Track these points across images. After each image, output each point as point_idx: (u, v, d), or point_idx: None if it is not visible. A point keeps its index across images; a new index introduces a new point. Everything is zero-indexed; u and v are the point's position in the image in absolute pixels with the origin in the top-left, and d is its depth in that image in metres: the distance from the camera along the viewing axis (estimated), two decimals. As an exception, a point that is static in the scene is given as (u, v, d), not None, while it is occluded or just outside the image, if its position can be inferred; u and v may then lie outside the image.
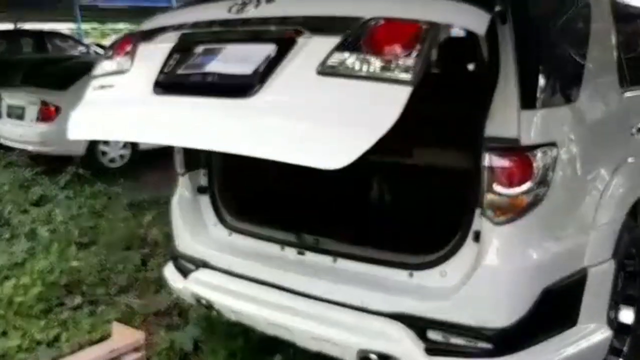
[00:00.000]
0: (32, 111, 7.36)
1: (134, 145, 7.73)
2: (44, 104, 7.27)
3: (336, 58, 1.85)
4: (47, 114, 7.25)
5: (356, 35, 1.86)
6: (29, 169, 6.87)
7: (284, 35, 2.06)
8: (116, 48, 2.58)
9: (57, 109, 7.25)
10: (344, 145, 1.71)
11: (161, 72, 2.29)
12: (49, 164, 7.17)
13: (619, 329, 2.60)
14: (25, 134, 7.42)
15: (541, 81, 2.19)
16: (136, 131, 2.32)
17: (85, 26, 15.05)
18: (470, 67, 4.24)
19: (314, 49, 1.93)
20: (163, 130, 2.18)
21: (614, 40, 2.76)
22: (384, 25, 1.86)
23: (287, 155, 1.81)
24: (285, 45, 2.01)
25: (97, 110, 2.45)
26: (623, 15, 2.97)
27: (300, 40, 1.99)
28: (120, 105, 2.37)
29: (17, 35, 12.80)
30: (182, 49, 2.32)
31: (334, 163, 1.68)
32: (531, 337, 2.15)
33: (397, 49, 1.76)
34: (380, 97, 1.74)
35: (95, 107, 2.46)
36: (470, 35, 2.14)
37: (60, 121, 7.24)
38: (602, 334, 2.35)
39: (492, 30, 2.13)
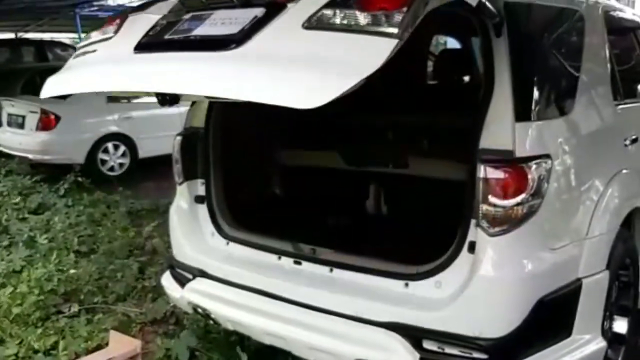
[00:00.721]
0: (32, 120, 7.40)
1: (133, 154, 7.77)
2: (44, 112, 7.31)
3: (324, 14, 1.85)
4: (47, 122, 7.29)
5: None
6: (29, 177, 6.89)
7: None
8: (105, 23, 2.57)
9: (57, 118, 7.29)
10: (320, 87, 1.68)
11: (145, 35, 2.26)
12: (49, 172, 7.20)
13: (614, 340, 2.62)
14: (25, 142, 7.46)
15: (536, 94, 2.23)
16: (112, 82, 2.27)
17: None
18: (466, 79, 4.29)
19: (302, 8, 1.92)
20: (140, 79, 2.16)
21: (607, 53, 2.80)
22: None
23: (262, 95, 1.78)
24: (275, 9, 2.00)
25: (75, 70, 2.43)
26: (616, 29, 3.01)
27: (291, 5, 1.98)
28: (99, 64, 2.35)
29: (18, 44, 12.83)
30: (170, 17, 2.30)
31: (308, 103, 1.64)
32: (526, 348, 2.16)
33: (387, 7, 1.75)
34: (364, 47, 1.73)
35: (73, 69, 2.45)
36: (467, 48, 2.17)
37: (60, 130, 7.29)
38: (596, 345, 2.36)
39: (487, 43, 2.17)
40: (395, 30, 1.70)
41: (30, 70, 9.91)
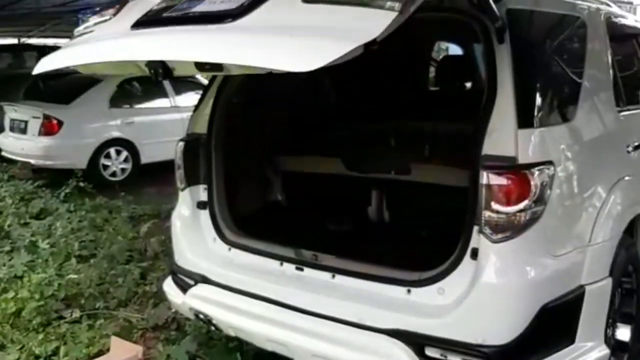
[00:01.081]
0: (34, 125, 7.42)
1: (135, 160, 7.77)
2: (47, 118, 7.32)
3: None
4: (49, 127, 7.30)
5: None
6: (31, 182, 6.90)
7: None
8: (104, 8, 2.60)
9: (60, 123, 7.30)
10: (317, 51, 1.68)
11: (144, 15, 2.28)
12: (51, 177, 7.21)
13: (616, 347, 2.61)
14: (28, 147, 7.47)
15: (538, 100, 2.23)
16: (106, 53, 2.26)
17: (88, 41, 15.15)
18: (468, 85, 4.29)
19: None
20: (133, 50, 2.16)
21: (609, 59, 2.80)
22: None
23: (255, 59, 1.78)
24: None
25: (69, 48, 2.44)
26: (618, 35, 3.01)
27: None
28: (94, 41, 2.36)
29: (20, 49, 12.87)
30: (170, 0, 2.30)
31: (303, 66, 1.65)
32: (529, 355, 2.15)
33: None
34: (363, 18, 1.74)
35: (68, 47, 2.46)
36: (468, 54, 2.16)
37: (63, 135, 7.31)
38: (599, 352, 2.35)
39: (489, 50, 2.18)
40: (395, 4, 1.70)
41: (33, 75, 9.94)
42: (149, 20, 2.24)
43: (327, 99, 4.05)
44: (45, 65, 2.36)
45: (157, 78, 2.23)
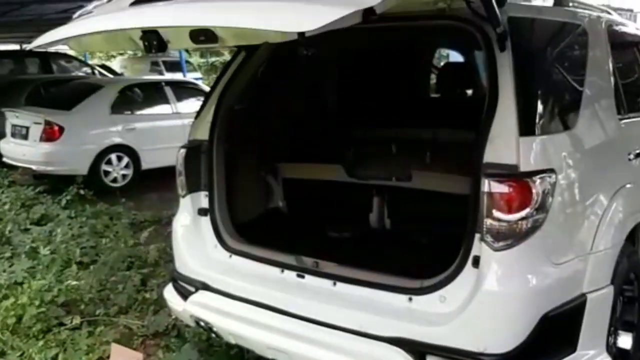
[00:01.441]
0: (36, 131, 7.42)
1: (136, 166, 7.78)
2: (48, 123, 7.33)
3: None
4: (50, 133, 7.31)
5: None
6: (32, 188, 6.90)
7: None
8: None
9: (61, 129, 7.31)
10: (312, 16, 1.68)
11: None
12: (52, 183, 7.21)
13: (618, 355, 2.59)
14: (29, 153, 7.47)
15: (540, 108, 2.23)
16: (103, 25, 2.28)
17: (90, 47, 15.19)
18: (469, 92, 4.30)
19: None
20: (130, 20, 2.18)
21: (610, 67, 2.80)
22: None
23: (251, 21, 1.81)
24: None
25: (65, 26, 2.47)
26: (619, 43, 3.02)
27: None
28: (92, 17, 2.40)
29: (22, 55, 12.91)
30: None
31: (298, 27, 1.66)
32: None
33: None
34: None
35: (64, 26, 2.48)
36: (469, 61, 2.17)
37: (64, 141, 7.32)
38: (601, 361, 2.34)
39: (491, 58, 2.18)
40: None
41: (35, 81, 9.97)
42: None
43: (328, 105, 4.06)
44: (40, 41, 2.40)
45: (151, 51, 2.20)
